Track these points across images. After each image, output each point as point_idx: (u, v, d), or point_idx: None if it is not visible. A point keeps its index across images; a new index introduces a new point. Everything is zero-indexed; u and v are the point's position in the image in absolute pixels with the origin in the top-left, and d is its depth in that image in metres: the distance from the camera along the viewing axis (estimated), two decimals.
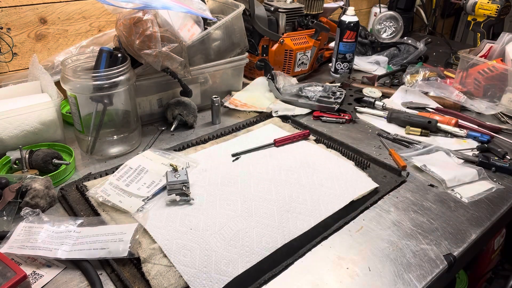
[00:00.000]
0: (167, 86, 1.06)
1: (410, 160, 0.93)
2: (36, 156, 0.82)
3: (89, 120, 0.88)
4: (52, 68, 1.09)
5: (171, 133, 1.04)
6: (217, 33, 1.10)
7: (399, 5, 1.90)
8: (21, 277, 0.55)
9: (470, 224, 0.75)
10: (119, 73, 0.85)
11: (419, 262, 0.66)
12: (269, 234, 0.68)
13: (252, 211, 0.73)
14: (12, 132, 0.85)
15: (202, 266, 0.61)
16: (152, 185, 0.78)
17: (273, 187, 0.80)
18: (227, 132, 1.02)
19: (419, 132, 1.04)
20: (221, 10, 1.22)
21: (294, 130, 1.04)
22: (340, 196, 0.79)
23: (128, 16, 0.89)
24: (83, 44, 1.14)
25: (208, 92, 1.15)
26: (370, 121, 1.12)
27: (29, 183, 0.74)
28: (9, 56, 1.06)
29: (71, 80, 0.83)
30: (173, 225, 0.69)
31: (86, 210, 0.75)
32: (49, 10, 1.09)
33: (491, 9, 1.55)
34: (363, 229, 0.73)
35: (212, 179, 0.82)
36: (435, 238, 0.71)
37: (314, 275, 0.63)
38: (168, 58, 0.91)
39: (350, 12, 1.33)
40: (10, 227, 0.69)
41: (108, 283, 0.61)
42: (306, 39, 1.33)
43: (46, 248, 0.63)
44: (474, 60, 1.25)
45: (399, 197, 0.82)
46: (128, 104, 0.92)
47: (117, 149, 0.93)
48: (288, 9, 1.32)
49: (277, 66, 1.32)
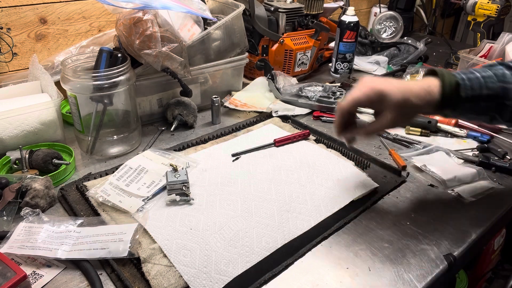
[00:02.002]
0: (167, 86, 1.06)
1: (410, 160, 0.93)
2: (36, 156, 0.82)
3: (89, 120, 0.88)
4: (52, 68, 1.09)
5: (171, 133, 1.04)
6: (217, 33, 1.10)
7: (399, 5, 1.90)
8: (21, 277, 0.55)
9: (470, 224, 0.75)
10: (119, 73, 0.85)
11: (419, 262, 0.66)
12: (269, 234, 0.68)
13: (252, 211, 0.73)
14: (12, 132, 0.85)
15: (202, 266, 0.61)
16: (152, 185, 0.78)
17: (273, 187, 0.80)
18: (227, 132, 1.02)
19: (419, 132, 1.04)
20: (221, 10, 1.22)
21: (294, 130, 1.04)
22: (340, 196, 0.79)
23: (128, 16, 0.89)
24: (83, 44, 1.14)
25: (208, 92, 1.15)
26: (370, 121, 1.12)
27: (29, 183, 0.74)
28: (9, 56, 1.06)
29: (71, 80, 0.83)
30: (173, 225, 0.69)
31: (86, 210, 0.75)
32: (49, 10, 1.09)
33: (491, 9, 1.55)
34: (363, 229, 0.73)
35: (212, 179, 0.82)
36: (435, 238, 0.71)
37: (314, 275, 0.63)
38: (168, 58, 0.91)
39: (350, 12, 1.33)
40: (10, 227, 0.69)
41: (108, 283, 0.61)
42: (306, 39, 1.33)
43: (46, 248, 0.63)
44: (474, 60, 1.25)
45: (399, 197, 0.82)
46: (128, 104, 0.93)
47: (117, 149, 0.93)
48: (288, 9, 1.32)
49: (277, 66, 1.32)
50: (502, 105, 0.70)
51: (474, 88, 0.68)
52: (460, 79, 0.69)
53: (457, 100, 0.69)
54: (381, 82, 0.69)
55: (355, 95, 0.70)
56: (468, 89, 0.68)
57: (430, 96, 0.68)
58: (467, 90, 0.68)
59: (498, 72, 0.70)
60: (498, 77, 0.69)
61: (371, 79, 0.71)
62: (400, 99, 0.67)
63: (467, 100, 0.69)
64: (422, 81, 0.70)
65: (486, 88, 0.68)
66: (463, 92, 0.68)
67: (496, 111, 0.71)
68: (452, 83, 0.68)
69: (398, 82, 0.70)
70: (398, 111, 0.68)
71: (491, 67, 0.71)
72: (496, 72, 0.70)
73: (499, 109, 0.70)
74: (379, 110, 0.71)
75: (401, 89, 0.67)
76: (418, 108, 0.69)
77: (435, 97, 0.68)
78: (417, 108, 0.69)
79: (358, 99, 0.70)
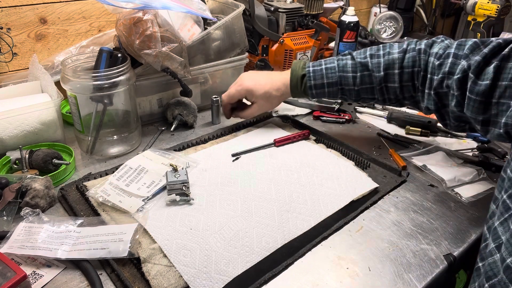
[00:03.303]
0: (167, 86, 1.06)
1: (410, 160, 0.93)
2: (36, 156, 0.82)
3: (89, 120, 0.88)
4: (52, 68, 1.09)
5: (171, 133, 1.04)
6: (217, 33, 1.10)
7: (399, 5, 1.90)
8: (21, 277, 0.55)
9: (470, 224, 0.75)
10: (119, 73, 0.85)
11: (419, 262, 0.66)
12: (269, 234, 0.68)
13: (252, 211, 0.73)
14: (12, 132, 0.85)
15: (202, 266, 0.61)
16: (152, 185, 0.78)
17: (273, 187, 0.80)
18: (227, 132, 1.02)
19: (419, 132, 1.04)
20: (221, 10, 1.22)
21: (294, 130, 1.04)
22: (340, 196, 0.79)
23: (128, 16, 0.89)
24: (83, 44, 1.14)
25: (208, 92, 1.15)
26: (370, 121, 1.13)
27: (29, 183, 0.74)
28: (9, 56, 1.06)
29: (71, 80, 0.83)
30: (173, 225, 0.69)
31: (86, 210, 0.75)
32: (49, 10, 1.09)
33: (491, 9, 1.55)
34: (363, 229, 0.73)
35: (212, 179, 0.82)
36: (435, 238, 0.71)
37: (314, 275, 0.63)
38: (168, 58, 0.91)
39: (350, 12, 1.33)
40: (10, 227, 0.69)
41: (108, 283, 0.61)
42: (306, 39, 1.33)
43: (46, 248, 0.63)
44: None
45: (399, 197, 0.82)
46: (128, 104, 0.93)
47: (117, 149, 0.93)
48: (288, 9, 1.32)
49: (277, 66, 1.32)
50: (343, 90, 0.89)
51: (316, 78, 0.89)
52: (307, 71, 0.90)
53: (304, 88, 0.91)
54: (252, 80, 0.96)
55: (231, 92, 0.98)
56: (311, 79, 0.89)
57: (285, 87, 0.94)
58: (311, 80, 0.90)
59: (342, 62, 0.88)
60: (339, 67, 0.88)
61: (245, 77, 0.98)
62: (262, 94, 0.95)
63: (313, 87, 0.90)
64: (284, 73, 0.94)
65: (326, 77, 0.88)
66: (308, 82, 0.90)
67: (342, 94, 0.90)
68: (299, 76, 0.91)
69: (265, 78, 0.96)
70: (262, 101, 0.96)
71: (342, 57, 0.89)
72: (340, 63, 0.88)
73: (343, 93, 0.90)
74: (251, 100, 0.99)
75: (265, 86, 0.95)
76: (277, 97, 0.96)
77: (289, 88, 0.93)
78: (277, 97, 0.96)
79: (233, 94, 0.98)
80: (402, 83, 0.84)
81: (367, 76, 0.85)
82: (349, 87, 0.87)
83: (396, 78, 0.83)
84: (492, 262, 0.55)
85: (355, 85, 0.87)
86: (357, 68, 0.86)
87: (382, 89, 0.86)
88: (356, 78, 0.86)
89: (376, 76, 0.84)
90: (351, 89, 0.88)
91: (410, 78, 0.83)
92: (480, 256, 0.60)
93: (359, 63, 0.86)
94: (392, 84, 0.84)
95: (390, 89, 0.85)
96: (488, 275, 0.55)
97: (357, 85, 0.86)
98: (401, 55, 0.83)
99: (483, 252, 0.60)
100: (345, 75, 0.87)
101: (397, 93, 0.85)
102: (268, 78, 0.96)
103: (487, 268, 0.56)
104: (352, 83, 0.87)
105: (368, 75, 0.85)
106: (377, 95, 0.87)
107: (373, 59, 0.85)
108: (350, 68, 0.86)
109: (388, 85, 0.85)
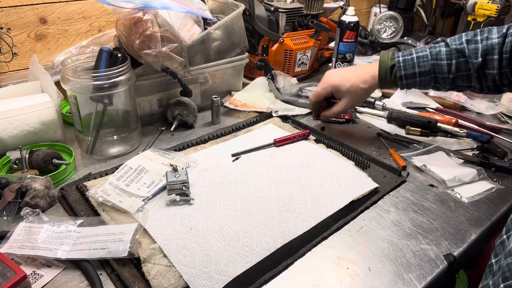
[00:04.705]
0: (167, 86, 1.06)
1: (410, 160, 0.93)
2: (36, 156, 0.82)
3: (89, 120, 0.88)
4: (52, 68, 1.09)
5: (171, 133, 1.04)
6: (217, 33, 1.10)
7: (399, 5, 1.90)
8: (21, 277, 0.55)
9: (470, 224, 0.75)
10: (119, 73, 0.85)
11: (419, 262, 0.66)
12: (269, 234, 0.68)
13: (252, 211, 0.73)
14: (12, 132, 0.85)
15: (202, 266, 0.61)
16: (152, 185, 0.78)
17: (273, 187, 0.80)
18: (227, 132, 1.02)
19: (419, 132, 1.04)
20: (221, 10, 1.22)
21: (294, 130, 1.04)
22: (340, 196, 0.79)
23: (128, 16, 0.89)
24: (83, 44, 1.14)
25: (208, 92, 1.15)
26: (370, 121, 1.13)
27: (29, 183, 0.74)
28: (9, 56, 1.06)
29: (71, 80, 0.83)
30: (173, 225, 0.69)
31: (86, 210, 0.75)
32: (49, 10, 1.09)
33: (491, 9, 1.55)
34: (363, 229, 0.73)
35: (212, 179, 0.82)
36: (435, 238, 0.71)
37: (314, 275, 0.63)
38: (168, 58, 0.91)
39: (350, 12, 1.33)
40: (10, 227, 0.69)
41: (108, 283, 0.61)
42: (306, 39, 1.33)
43: (46, 248, 0.63)
44: None
45: (399, 197, 0.82)
46: (128, 104, 0.93)
47: (117, 149, 0.93)
48: (288, 9, 1.32)
49: (277, 66, 1.32)
50: (436, 78, 0.86)
51: (407, 68, 0.86)
52: (397, 61, 0.87)
53: (394, 79, 0.89)
54: (337, 76, 0.94)
55: (318, 90, 0.98)
56: (401, 69, 0.87)
57: (373, 80, 0.91)
58: (401, 71, 0.87)
59: (435, 50, 0.85)
60: (432, 55, 0.85)
61: (330, 73, 0.96)
62: (348, 87, 0.92)
63: (403, 78, 0.87)
64: (371, 65, 0.92)
65: (418, 66, 0.86)
66: (398, 72, 0.87)
67: (435, 82, 0.87)
68: (388, 66, 0.88)
69: (351, 72, 0.93)
70: (349, 95, 0.93)
71: (435, 44, 0.87)
72: (433, 50, 0.85)
73: (436, 82, 0.87)
74: (338, 97, 0.96)
75: (350, 79, 0.92)
76: (365, 90, 0.92)
77: (377, 79, 0.90)
78: (364, 90, 0.92)
79: (319, 92, 0.97)
80: (501, 70, 0.80)
81: (464, 63, 0.82)
82: (443, 75, 0.84)
83: (496, 64, 0.80)
84: (510, 262, 0.54)
85: (450, 73, 0.84)
86: (453, 55, 0.83)
87: (480, 76, 0.82)
88: (452, 65, 0.83)
89: (474, 62, 0.81)
90: (445, 77, 0.84)
91: (509, 63, 0.79)
92: (495, 252, 0.58)
93: (455, 50, 0.83)
94: (491, 70, 0.81)
95: (488, 76, 0.82)
96: (505, 276, 0.53)
97: (452, 73, 0.83)
98: (501, 40, 0.79)
99: (497, 249, 0.58)
100: (439, 63, 0.84)
101: (495, 80, 0.82)
102: (353, 72, 0.93)
103: (504, 268, 0.54)
104: (446, 71, 0.84)
105: (464, 61, 0.82)
106: (474, 83, 0.84)
107: (470, 44, 0.82)
108: (445, 56, 0.83)
109: (486, 72, 0.82)
